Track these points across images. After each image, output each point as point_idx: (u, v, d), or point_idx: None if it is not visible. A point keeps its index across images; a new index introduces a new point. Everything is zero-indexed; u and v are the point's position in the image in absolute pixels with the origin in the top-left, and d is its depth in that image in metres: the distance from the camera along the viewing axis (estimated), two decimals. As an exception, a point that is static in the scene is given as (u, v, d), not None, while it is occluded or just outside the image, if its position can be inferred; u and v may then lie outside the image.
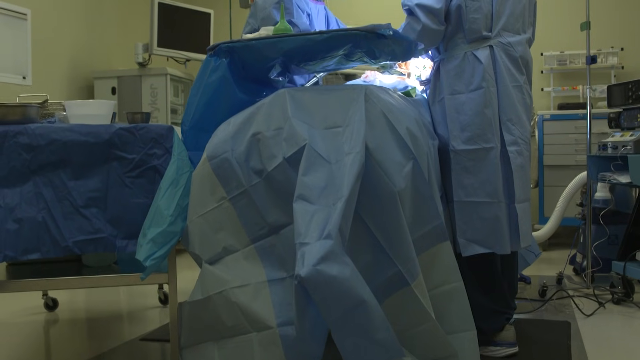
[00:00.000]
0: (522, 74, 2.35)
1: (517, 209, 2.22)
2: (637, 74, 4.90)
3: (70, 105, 1.98)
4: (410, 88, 2.53)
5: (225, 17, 4.41)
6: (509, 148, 2.24)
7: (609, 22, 4.84)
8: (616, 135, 3.10)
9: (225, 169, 1.87)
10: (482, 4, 2.28)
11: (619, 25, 4.92)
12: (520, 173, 2.26)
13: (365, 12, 5.36)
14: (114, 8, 4.99)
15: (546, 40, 4.96)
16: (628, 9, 4.96)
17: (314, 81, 2.43)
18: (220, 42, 2.05)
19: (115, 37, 4.97)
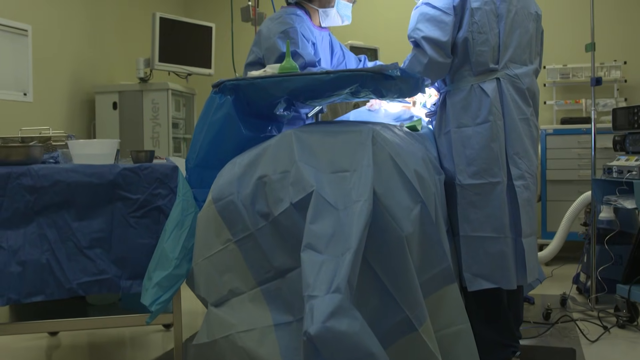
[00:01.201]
0: (529, 106, 2.33)
1: (524, 243, 2.21)
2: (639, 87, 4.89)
3: (74, 145, 1.96)
4: (416, 119, 2.51)
5: (227, 30, 4.37)
6: (516, 182, 2.22)
7: (612, 36, 4.82)
8: (621, 159, 3.08)
9: (231, 211, 1.86)
10: (490, 37, 2.26)
11: (622, 39, 4.90)
12: (527, 207, 2.24)
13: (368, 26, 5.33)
14: (115, 22, 4.96)
15: (549, 54, 4.93)
16: (631, 22, 4.94)
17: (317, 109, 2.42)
18: (224, 79, 2.03)
19: (116, 51, 4.94)
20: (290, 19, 2.48)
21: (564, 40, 4.97)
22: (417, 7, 2.31)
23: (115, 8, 4.96)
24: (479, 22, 2.25)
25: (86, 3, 4.61)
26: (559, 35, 5.00)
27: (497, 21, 2.29)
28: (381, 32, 5.29)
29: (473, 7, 2.24)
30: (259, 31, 2.56)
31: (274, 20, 2.52)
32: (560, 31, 5.01)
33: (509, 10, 2.32)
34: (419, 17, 2.27)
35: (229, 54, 4.42)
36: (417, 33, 2.25)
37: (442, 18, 2.23)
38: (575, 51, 4.85)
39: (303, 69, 2.36)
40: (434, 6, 2.25)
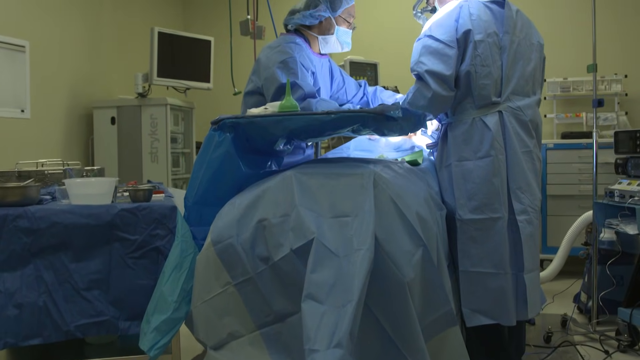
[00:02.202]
0: (531, 138, 2.31)
1: (526, 279, 2.19)
2: (641, 100, 4.87)
3: (71, 185, 1.94)
4: (417, 151, 2.49)
5: (226, 44, 4.35)
6: (519, 217, 2.20)
7: (612, 49, 4.79)
8: (623, 183, 3.06)
9: (230, 254, 1.83)
10: (492, 70, 2.24)
11: (623, 52, 4.88)
12: (530, 242, 2.22)
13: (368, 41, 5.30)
14: (114, 37, 4.92)
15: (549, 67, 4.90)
16: (632, 36, 4.91)
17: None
18: (224, 116, 2.00)
19: (114, 66, 4.91)
20: (290, 48, 2.45)
21: (565, 53, 4.94)
22: (420, 39, 2.29)
23: (113, 23, 4.93)
24: (482, 55, 2.22)
25: (84, 18, 4.58)
26: (559, 48, 4.97)
27: (500, 53, 2.27)
28: (381, 47, 5.26)
29: (476, 40, 2.22)
30: (258, 60, 2.53)
31: (273, 49, 2.49)
32: (561, 44, 4.98)
33: (511, 42, 2.29)
34: (422, 50, 2.24)
35: (227, 67, 4.39)
36: (420, 67, 2.22)
37: (445, 51, 2.21)
38: (575, 64, 4.82)
39: (302, 100, 2.33)
40: (437, 39, 2.22)
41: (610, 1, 4.82)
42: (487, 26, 2.26)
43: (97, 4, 4.75)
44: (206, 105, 5.64)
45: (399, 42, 5.21)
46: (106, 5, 4.85)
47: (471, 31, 2.22)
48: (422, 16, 2.52)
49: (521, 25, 2.36)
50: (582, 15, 3.26)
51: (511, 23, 2.31)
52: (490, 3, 2.33)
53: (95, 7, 4.72)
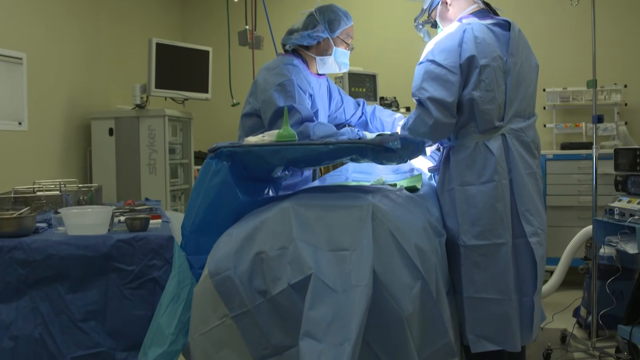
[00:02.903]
0: (534, 158, 2.30)
1: (535, 300, 2.18)
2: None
3: (68, 215, 1.92)
4: (416, 174, 2.47)
5: (224, 54, 4.33)
6: (531, 239, 2.18)
7: (612, 59, 4.78)
8: (623, 200, 3.05)
9: (228, 286, 1.82)
10: (497, 94, 2.22)
11: (623, 62, 4.87)
12: (542, 264, 2.21)
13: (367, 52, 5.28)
14: (112, 48, 4.91)
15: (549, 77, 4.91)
16: (632, 46, 4.90)
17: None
18: (221, 144, 1.99)
19: (112, 77, 4.90)
20: (287, 70, 2.43)
21: (564, 63, 4.93)
22: (422, 63, 2.27)
23: (111, 33, 4.91)
24: (486, 80, 2.20)
25: (82, 29, 4.56)
26: (559, 58, 4.96)
27: (504, 77, 2.25)
28: (380, 57, 5.24)
29: (481, 65, 2.19)
30: (255, 81, 2.51)
31: (271, 70, 2.47)
32: (561, 54, 4.97)
33: (515, 64, 2.28)
34: (424, 76, 2.22)
35: (226, 77, 4.38)
36: (422, 93, 2.20)
37: (448, 77, 2.18)
38: (575, 74, 4.82)
39: (300, 124, 2.32)
40: (440, 64, 2.20)
41: (611, 11, 4.80)
42: (492, 50, 2.23)
43: (95, 15, 4.73)
44: (205, 115, 5.63)
45: (397, 52, 5.19)
46: (103, 16, 4.83)
47: (475, 57, 2.19)
48: (423, 29, 2.49)
49: (523, 47, 2.35)
50: (582, 25, 3.24)
51: (514, 45, 2.29)
52: (493, 25, 2.31)
53: (93, 18, 4.71)
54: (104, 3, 4.85)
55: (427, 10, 2.47)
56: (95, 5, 4.74)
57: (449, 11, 2.40)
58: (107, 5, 4.88)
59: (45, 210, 2.24)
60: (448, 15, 2.40)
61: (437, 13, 2.43)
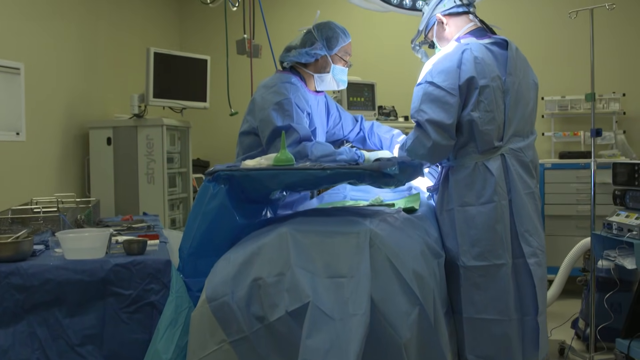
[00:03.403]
0: (533, 178, 2.30)
1: (539, 322, 2.18)
2: (639, 119, 4.85)
3: (65, 240, 1.92)
4: (415, 194, 2.47)
5: (223, 62, 4.32)
6: (529, 260, 2.19)
7: (611, 68, 4.78)
8: (621, 215, 3.05)
9: (226, 312, 1.81)
10: (496, 115, 2.22)
11: (621, 71, 4.86)
12: (541, 284, 2.21)
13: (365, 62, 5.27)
14: (109, 57, 4.90)
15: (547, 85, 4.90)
16: (630, 54, 4.89)
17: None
18: (219, 167, 1.99)
19: (111, 86, 4.89)
20: (285, 89, 2.43)
21: (563, 71, 4.93)
22: (420, 84, 2.26)
23: (109, 42, 4.90)
24: (486, 101, 2.20)
25: (80, 38, 4.55)
26: (557, 66, 4.96)
27: (503, 97, 2.25)
28: (378, 66, 5.24)
29: (481, 86, 2.19)
30: (253, 99, 2.51)
31: (269, 89, 2.47)
32: (559, 62, 4.97)
33: (513, 83, 2.28)
34: (422, 97, 2.22)
35: (224, 85, 4.36)
36: (421, 115, 2.20)
37: (446, 99, 2.18)
38: (573, 82, 4.81)
39: (298, 143, 2.32)
40: (439, 86, 2.19)
41: (609, 21, 4.79)
42: (491, 70, 2.23)
43: (93, 23, 4.72)
44: (203, 123, 5.62)
45: (396, 61, 5.19)
46: (102, 25, 4.82)
47: (475, 78, 2.19)
48: (420, 50, 2.49)
49: (521, 65, 2.34)
50: (581, 34, 3.24)
51: (512, 64, 2.29)
52: (490, 44, 2.31)
53: (91, 26, 4.70)
54: (103, 12, 4.84)
55: (423, 31, 2.47)
56: (94, 14, 4.72)
57: (445, 31, 2.39)
58: (105, 14, 4.87)
59: (42, 231, 2.23)
60: (445, 35, 2.40)
61: (434, 33, 2.42)
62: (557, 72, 4.94)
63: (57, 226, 2.29)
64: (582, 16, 3.25)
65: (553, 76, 4.94)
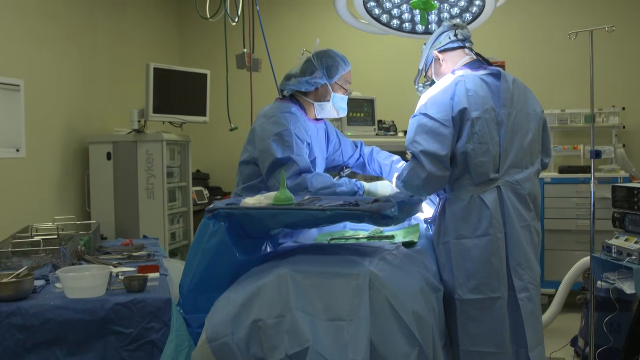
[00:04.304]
0: (530, 211, 2.30)
1: (531, 357, 2.18)
2: (638, 132, 4.85)
3: (66, 278, 1.92)
4: (414, 225, 2.47)
5: (222, 76, 4.33)
6: (519, 295, 2.19)
7: (610, 82, 4.78)
8: (620, 238, 3.05)
9: (226, 352, 1.82)
10: (490, 146, 2.22)
11: (621, 84, 4.87)
12: (531, 320, 2.21)
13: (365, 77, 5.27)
14: (109, 71, 4.89)
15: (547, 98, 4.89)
16: (630, 68, 4.90)
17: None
18: (219, 204, 1.99)
19: (110, 101, 4.89)
20: (285, 119, 2.43)
21: (562, 85, 4.93)
22: (415, 116, 2.27)
23: (109, 57, 4.90)
24: (479, 133, 2.21)
25: (80, 52, 4.55)
26: (557, 80, 4.97)
27: (497, 129, 2.25)
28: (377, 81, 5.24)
29: (473, 117, 2.20)
30: (253, 129, 2.51)
31: (268, 119, 2.47)
32: (559, 76, 4.98)
33: (509, 115, 2.28)
34: (417, 129, 2.23)
35: (224, 99, 4.36)
36: (415, 146, 2.21)
37: (440, 130, 2.19)
38: (573, 96, 4.82)
39: (298, 175, 2.33)
40: (432, 117, 2.21)
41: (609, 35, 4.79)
42: (484, 102, 2.24)
43: (92, 38, 4.72)
44: (203, 137, 5.62)
45: (395, 74, 5.19)
46: (101, 39, 4.82)
47: (467, 109, 2.20)
48: (423, 90, 2.50)
49: (518, 96, 2.34)
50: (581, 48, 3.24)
51: (508, 96, 2.29)
52: (486, 76, 2.32)
53: (91, 41, 4.70)
54: (102, 26, 4.83)
55: (423, 70, 2.49)
56: (93, 29, 4.72)
57: (442, 67, 2.42)
58: (104, 29, 4.86)
59: (43, 264, 2.24)
60: (442, 70, 2.42)
61: (432, 71, 2.44)
62: (557, 86, 4.95)
63: (58, 257, 2.29)
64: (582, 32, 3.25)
65: (553, 90, 4.95)
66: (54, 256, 2.30)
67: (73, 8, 4.47)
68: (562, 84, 4.95)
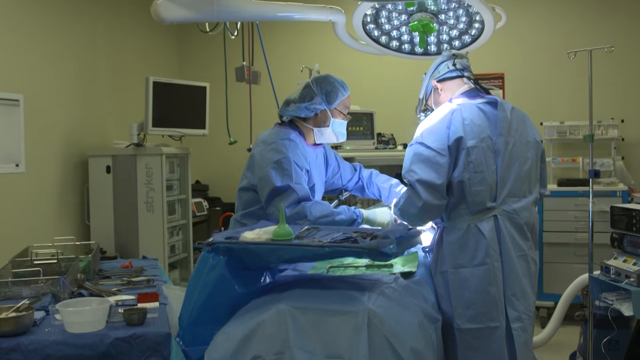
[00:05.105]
0: (527, 240, 2.30)
1: None
2: (637, 145, 4.86)
3: (66, 313, 1.93)
4: (412, 252, 2.47)
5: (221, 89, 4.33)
6: (513, 325, 2.20)
7: (609, 94, 4.78)
8: (619, 259, 3.06)
9: (225, 388, 1.83)
10: (487, 175, 2.23)
11: (620, 97, 4.87)
12: (523, 350, 2.23)
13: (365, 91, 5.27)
14: (109, 85, 4.90)
15: (546, 111, 4.92)
16: (629, 80, 4.90)
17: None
18: (218, 238, 1.99)
19: (110, 114, 4.89)
20: (284, 147, 2.44)
21: (562, 97, 4.94)
22: (412, 144, 2.28)
23: (108, 71, 4.91)
24: (475, 161, 2.21)
25: (79, 65, 4.56)
26: (556, 92, 4.97)
27: (494, 157, 2.26)
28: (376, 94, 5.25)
29: (469, 146, 2.21)
30: (252, 156, 2.52)
31: (268, 145, 2.47)
32: (558, 88, 4.98)
33: (506, 143, 2.28)
34: (413, 158, 2.24)
35: (223, 111, 4.37)
36: (411, 175, 2.22)
37: (436, 159, 2.20)
38: (572, 108, 4.82)
39: (297, 204, 2.33)
40: (429, 147, 2.22)
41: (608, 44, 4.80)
42: (480, 131, 2.25)
43: (92, 50, 4.73)
44: (202, 149, 5.63)
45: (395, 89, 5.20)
46: (101, 52, 4.83)
47: (463, 138, 2.21)
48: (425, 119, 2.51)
49: (517, 125, 2.35)
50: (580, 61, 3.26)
51: (505, 125, 2.30)
52: (483, 104, 2.33)
53: (90, 53, 4.70)
54: (101, 40, 4.84)
55: (423, 99, 2.49)
56: (93, 42, 4.73)
57: (440, 96, 2.43)
58: (104, 42, 4.87)
59: (42, 293, 2.24)
60: (440, 99, 2.43)
61: (432, 100, 2.45)
62: (556, 98, 4.96)
63: (58, 285, 2.29)
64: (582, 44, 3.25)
65: (552, 102, 4.96)
66: (53, 285, 2.30)
67: (72, 22, 4.48)
68: (562, 95, 4.96)
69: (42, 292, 2.26)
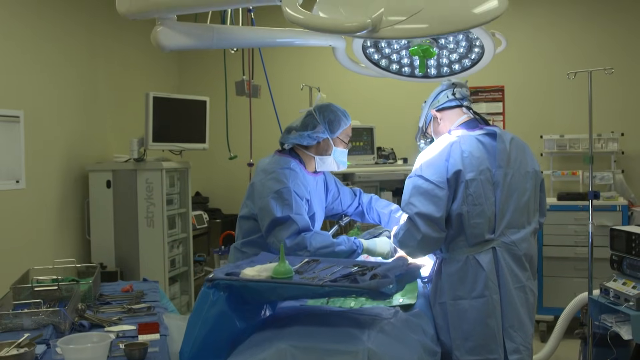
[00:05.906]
0: (525, 271, 2.31)
1: None
2: (637, 158, 4.86)
3: (67, 350, 1.93)
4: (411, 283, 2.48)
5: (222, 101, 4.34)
6: (510, 357, 2.21)
7: (609, 107, 4.78)
8: (618, 282, 3.07)
9: None
10: (485, 207, 2.23)
11: (620, 110, 4.87)
12: None
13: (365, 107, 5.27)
14: (109, 100, 4.91)
15: (546, 123, 4.93)
16: (629, 94, 4.90)
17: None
18: (218, 275, 2.00)
19: (110, 129, 4.90)
20: (284, 176, 2.44)
21: (562, 110, 4.94)
22: (411, 177, 2.28)
23: (109, 85, 4.91)
24: (474, 194, 2.22)
25: (79, 80, 4.56)
26: (556, 105, 4.98)
27: (493, 190, 2.26)
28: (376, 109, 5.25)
29: (468, 179, 2.21)
30: (252, 184, 2.52)
31: (268, 174, 2.48)
32: (558, 102, 4.99)
33: (505, 175, 2.29)
34: (412, 191, 2.24)
35: (223, 125, 4.38)
36: (410, 208, 2.22)
37: (435, 192, 2.20)
38: (572, 121, 4.83)
39: (297, 235, 2.34)
40: (427, 179, 2.22)
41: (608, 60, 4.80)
42: (479, 163, 2.25)
43: (92, 66, 4.73)
44: (202, 162, 5.64)
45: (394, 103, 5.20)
46: (101, 68, 4.83)
47: (462, 171, 2.22)
48: (425, 147, 2.51)
49: (516, 155, 2.35)
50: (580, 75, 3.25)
51: (504, 156, 2.30)
52: (482, 136, 2.33)
53: (90, 69, 4.70)
54: (102, 55, 4.84)
55: (422, 127, 2.50)
56: (93, 57, 4.73)
57: (440, 125, 2.43)
58: (104, 57, 4.87)
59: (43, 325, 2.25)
60: (440, 129, 2.43)
61: (431, 129, 2.45)
62: (556, 110, 4.96)
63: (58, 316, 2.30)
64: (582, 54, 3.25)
65: (552, 115, 4.96)
66: (54, 316, 2.31)
67: (72, 37, 4.48)
68: (562, 108, 4.96)
69: (43, 323, 2.27)
